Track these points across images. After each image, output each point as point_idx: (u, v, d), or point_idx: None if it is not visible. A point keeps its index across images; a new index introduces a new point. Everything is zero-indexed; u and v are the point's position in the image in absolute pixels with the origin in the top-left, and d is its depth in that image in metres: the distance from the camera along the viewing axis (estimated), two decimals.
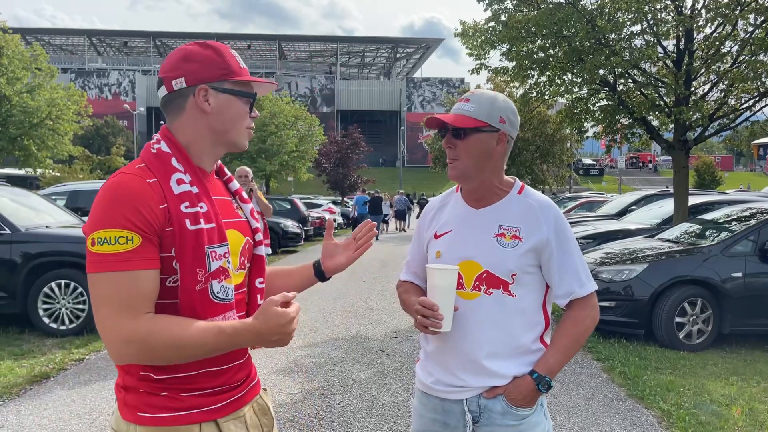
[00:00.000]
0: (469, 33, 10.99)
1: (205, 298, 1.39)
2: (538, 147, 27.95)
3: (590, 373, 5.44)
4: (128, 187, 1.34)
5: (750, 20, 9.38)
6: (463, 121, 1.76)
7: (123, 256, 1.29)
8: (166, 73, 1.47)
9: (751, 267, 6.32)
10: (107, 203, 1.33)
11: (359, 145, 39.15)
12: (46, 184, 22.22)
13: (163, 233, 1.35)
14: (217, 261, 1.40)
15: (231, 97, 1.48)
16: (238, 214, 1.58)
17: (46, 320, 6.54)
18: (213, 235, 1.40)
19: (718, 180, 48.11)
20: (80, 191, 10.52)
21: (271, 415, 1.63)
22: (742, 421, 4.25)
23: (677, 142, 10.17)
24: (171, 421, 1.38)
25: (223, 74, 1.47)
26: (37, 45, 25.04)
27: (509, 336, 1.78)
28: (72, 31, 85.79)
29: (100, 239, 1.30)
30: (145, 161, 1.42)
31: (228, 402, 1.47)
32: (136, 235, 1.30)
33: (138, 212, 1.31)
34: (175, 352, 1.33)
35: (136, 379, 1.40)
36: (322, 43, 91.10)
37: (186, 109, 1.46)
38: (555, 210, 1.83)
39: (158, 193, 1.35)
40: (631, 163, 75.06)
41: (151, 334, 1.31)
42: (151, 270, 1.33)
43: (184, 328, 1.33)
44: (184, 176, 1.41)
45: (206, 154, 1.50)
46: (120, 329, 1.30)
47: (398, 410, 4.46)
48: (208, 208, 1.42)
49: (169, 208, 1.35)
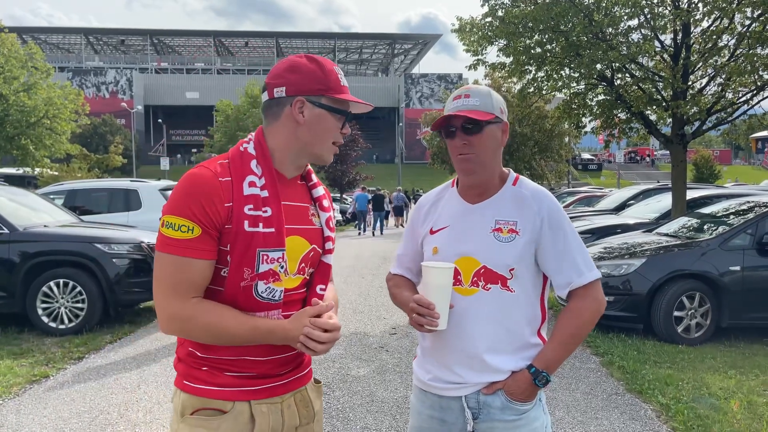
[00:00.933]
0: (466, 29, 10.97)
1: (248, 294, 1.50)
2: (536, 142, 27.92)
3: (589, 368, 5.45)
4: (201, 182, 1.45)
5: (747, 14, 9.38)
6: (477, 115, 1.75)
7: (182, 242, 1.43)
8: (271, 79, 1.57)
9: (749, 260, 6.33)
10: (180, 192, 1.46)
11: (357, 142, 39.13)
12: (44, 183, 22.12)
13: (223, 229, 1.46)
14: (267, 264, 1.49)
15: (325, 112, 1.56)
16: (311, 221, 1.65)
17: (45, 319, 6.54)
18: (270, 239, 1.49)
19: (716, 174, 48.14)
20: (78, 190, 10.48)
21: (313, 409, 1.69)
22: (741, 414, 4.26)
23: (675, 136, 10.17)
24: (208, 394, 1.51)
25: (322, 89, 1.55)
26: (33, 44, 25.00)
27: (507, 331, 1.78)
28: (69, 30, 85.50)
29: (168, 223, 1.45)
30: (230, 158, 1.53)
31: (265, 387, 1.56)
32: (197, 226, 1.43)
33: (202, 207, 1.43)
34: (212, 337, 1.48)
35: (186, 353, 1.56)
36: (320, 40, 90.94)
37: (281, 117, 1.55)
38: (549, 198, 1.82)
39: (227, 192, 1.46)
40: (629, 158, 75.07)
41: (194, 317, 1.45)
42: (203, 260, 1.45)
43: (223, 319, 1.46)
44: (258, 180, 1.51)
45: (290, 162, 1.59)
46: (168, 306, 1.46)
47: (398, 406, 4.47)
48: (272, 213, 1.50)
49: (233, 208, 1.46)
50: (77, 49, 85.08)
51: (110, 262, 6.67)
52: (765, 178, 42.26)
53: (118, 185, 10.61)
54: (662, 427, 4.12)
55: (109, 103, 69.93)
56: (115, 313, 7.00)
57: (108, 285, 6.63)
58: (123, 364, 5.53)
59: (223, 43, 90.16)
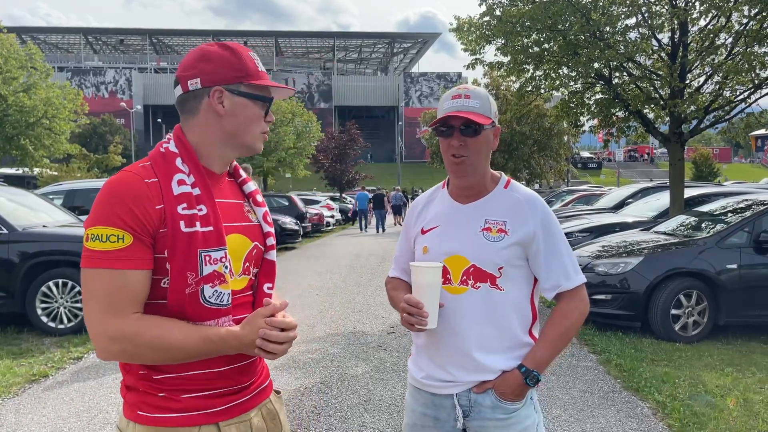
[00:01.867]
0: (464, 28, 10.99)
1: (195, 301, 1.38)
2: (535, 141, 27.93)
3: (586, 366, 5.47)
4: (125, 186, 1.34)
5: (744, 12, 9.41)
6: (479, 118, 1.75)
7: (113, 254, 1.30)
8: (182, 71, 1.46)
9: (746, 258, 6.35)
10: (104, 201, 1.33)
11: (357, 141, 39.13)
12: (43, 183, 22.14)
13: (157, 234, 1.35)
14: (211, 265, 1.38)
15: (246, 100, 1.46)
16: (248, 217, 1.55)
17: (45, 319, 6.56)
18: (210, 238, 1.39)
19: (715, 172, 48.13)
20: (77, 190, 10.52)
21: (280, 420, 1.59)
22: (737, 412, 4.28)
23: (673, 134, 10.19)
24: (169, 422, 1.37)
25: (240, 77, 1.45)
26: (32, 44, 25.00)
27: (498, 329, 1.80)
28: (68, 30, 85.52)
29: (93, 235, 1.31)
30: (151, 160, 1.42)
31: (232, 405, 1.45)
32: (127, 234, 1.31)
33: (131, 212, 1.31)
34: (159, 354, 1.34)
35: (136, 378, 1.41)
36: (319, 39, 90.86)
37: (200, 110, 1.45)
38: (541, 204, 1.84)
39: (156, 194, 1.35)
40: (629, 156, 75.05)
41: (137, 335, 1.31)
42: (139, 270, 1.33)
43: (170, 332, 1.34)
44: (187, 177, 1.40)
45: (216, 156, 1.49)
46: (106, 327, 1.31)
47: (395, 405, 4.48)
48: (207, 211, 1.40)
49: (165, 209, 1.35)
50: (76, 49, 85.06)
51: None
52: (764, 176, 42.30)
53: None
54: (658, 424, 4.14)
55: (109, 103, 69.92)
56: None
57: None
58: None
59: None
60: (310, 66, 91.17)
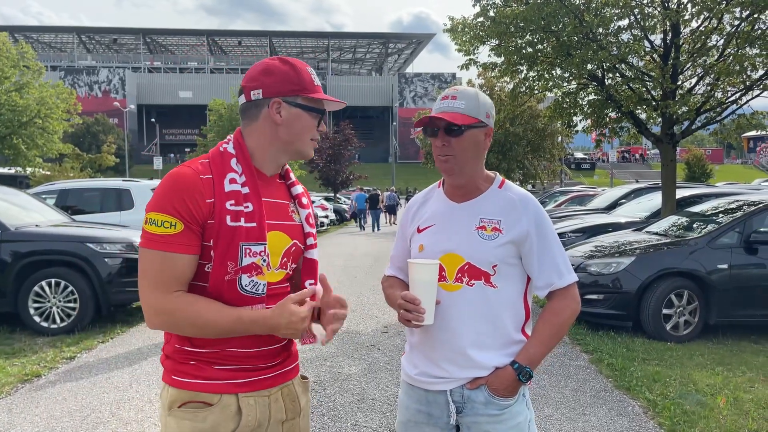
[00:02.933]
0: (458, 29, 11.02)
1: (232, 288, 1.53)
2: (529, 141, 28.00)
3: (578, 365, 5.51)
4: (183, 179, 1.50)
5: (736, 14, 9.48)
6: (459, 118, 1.79)
7: (165, 238, 1.48)
8: (246, 82, 1.63)
9: (737, 258, 6.40)
10: (163, 190, 1.50)
11: (351, 141, 39.10)
12: (36, 183, 22.04)
13: (205, 225, 1.51)
14: (250, 257, 1.54)
15: (301, 111, 1.62)
16: (291, 217, 1.70)
17: (37, 319, 6.54)
18: (252, 233, 1.53)
19: (708, 173, 48.36)
20: (70, 190, 10.45)
21: (299, 404, 1.72)
22: (727, 410, 4.32)
23: (665, 135, 10.26)
24: (195, 387, 1.55)
25: (297, 90, 1.61)
26: (25, 42, 24.89)
27: (491, 326, 1.82)
28: (61, 29, 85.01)
29: (150, 219, 1.49)
30: (210, 158, 1.59)
31: (252, 380, 1.59)
32: (179, 222, 1.48)
33: (184, 203, 1.48)
34: (196, 329, 1.51)
35: (172, 349, 1.59)
36: (313, 39, 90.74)
37: (259, 118, 1.61)
38: (535, 203, 1.87)
39: (208, 189, 1.51)
40: (622, 157, 75.33)
41: (177, 310, 1.49)
42: (186, 255, 1.50)
43: (207, 311, 1.50)
44: (239, 177, 1.56)
45: (269, 160, 1.65)
46: (152, 300, 1.50)
47: (388, 404, 4.50)
48: (253, 209, 1.55)
49: (215, 203, 1.51)
50: (69, 48, 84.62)
51: (102, 261, 6.68)
52: (756, 177, 42.54)
53: (110, 185, 10.59)
54: (649, 423, 4.17)
55: (102, 103, 69.56)
56: (107, 312, 7.01)
57: (100, 284, 6.63)
58: (115, 363, 5.54)
59: (216, 43, 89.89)
60: None
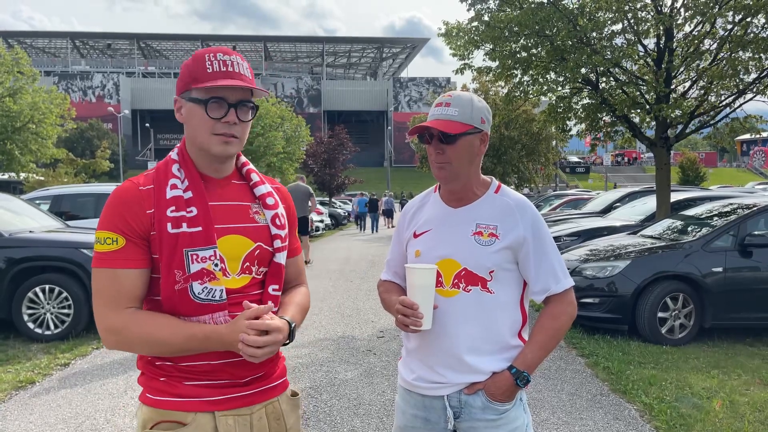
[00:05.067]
0: (452, 33, 11.05)
1: (184, 297, 1.45)
2: (523, 145, 28.04)
3: (574, 369, 5.51)
4: (121, 194, 1.47)
5: (728, 18, 9.52)
6: (452, 127, 1.78)
7: (109, 255, 1.44)
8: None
9: (731, 262, 6.42)
10: (106, 207, 1.48)
11: (346, 146, 39.11)
12: (29, 188, 21.96)
13: (150, 236, 1.46)
14: (199, 263, 1.45)
15: (192, 104, 1.51)
16: (254, 219, 1.60)
17: (31, 325, 6.50)
18: (197, 238, 1.46)
19: (702, 176, 48.58)
20: (64, 195, 10.42)
21: (285, 423, 1.62)
22: (723, 414, 4.32)
23: (659, 139, 10.30)
24: (168, 405, 1.48)
25: (189, 82, 1.51)
26: (19, 48, 24.82)
27: (488, 332, 1.82)
28: (54, 34, 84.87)
29: (96, 238, 1.47)
30: (156, 168, 1.56)
31: (229, 397, 1.50)
32: (120, 237, 1.44)
33: (123, 218, 1.44)
34: (148, 347, 1.46)
35: (143, 363, 1.54)
36: (308, 44, 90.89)
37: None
38: (531, 209, 1.87)
39: (148, 200, 1.47)
40: (617, 161, 75.60)
41: (127, 328, 1.43)
42: (132, 269, 1.45)
43: (159, 329, 1.43)
44: (180, 182, 1.50)
45: (201, 162, 1.56)
46: (103, 319, 1.45)
47: (384, 409, 4.49)
48: (198, 212, 1.48)
49: (155, 213, 1.45)
50: (63, 53, 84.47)
51: None
52: (750, 180, 42.74)
53: (104, 190, 10.54)
54: (645, 426, 4.18)
55: (96, 108, 69.48)
56: None
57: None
58: (109, 370, 5.51)
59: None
60: (300, 71, 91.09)
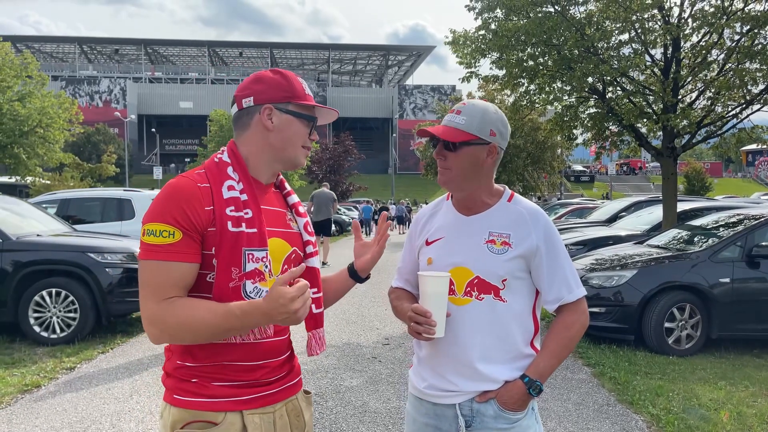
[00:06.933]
0: (459, 41, 11.09)
1: (237, 295, 1.50)
2: (529, 154, 28.07)
3: (581, 379, 5.48)
4: (179, 188, 1.49)
5: (736, 29, 9.54)
6: (454, 135, 1.79)
7: (163, 248, 1.45)
8: (238, 92, 1.65)
9: (739, 272, 6.39)
10: (160, 200, 1.49)
11: (351, 152, 39.22)
12: (36, 192, 22.10)
13: (206, 232, 1.49)
14: (253, 263, 1.52)
15: (292, 117, 1.63)
16: (289, 225, 1.70)
17: (37, 329, 6.52)
18: (253, 239, 1.52)
19: (707, 186, 48.50)
20: (71, 199, 10.46)
21: (304, 419, 1.70)
22: (731, 425, 4.30)
23: (665, 149, 10.29)
24: (199, 406, 1.51)
25: (288, 97, 1.62)
26: (28, 53, 24.99)
27: (501, 341, 1.81)
28: (62, 39, 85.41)
29: (148, 230, 1.47)
30: (206, 168, 1.58)
31: (257, 396, 1.56)
32: (178, 230, 1.46)
33: (183, 211, 1.46)
34: (190, 332, 1.46)
35: (173, 367, 1.56)
36: (314, 51, 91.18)
37: (251, 126, 1.62)
38: (544, 218, 1.87)
39: (206, 196, 1.50)
40: (622, 170, 75.49)
41: (168, 315, 1.45)
42: (186, 263, 1.47)
43: (195, 309, 1.45)
44: (236, 184, 1.55)
45: (263, 168, 1.65)
46: (147, 310, 1.46)
47: (390, 417, 4.48)
48: (253, 215, 1.54)
49: (214, 210, 1.50)
50: (71, 58, 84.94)
51: (103, 271, 6.66)
52: (755, 191, 42.62)
53: (111, 194, 10.59)
54: None
55: (103, 112, 69.68)
56: (108, 322, 6.99)
57: (101, 294, 6.61)
58: (115, 374, 5.51)
59: (217, 53, 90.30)
60: (306, 77, 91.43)
